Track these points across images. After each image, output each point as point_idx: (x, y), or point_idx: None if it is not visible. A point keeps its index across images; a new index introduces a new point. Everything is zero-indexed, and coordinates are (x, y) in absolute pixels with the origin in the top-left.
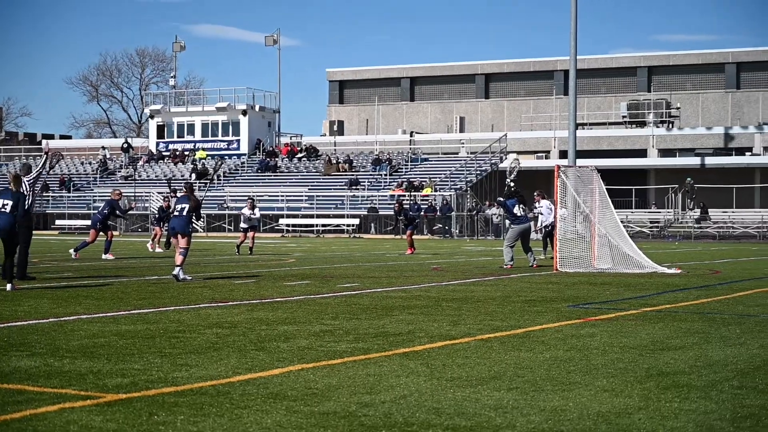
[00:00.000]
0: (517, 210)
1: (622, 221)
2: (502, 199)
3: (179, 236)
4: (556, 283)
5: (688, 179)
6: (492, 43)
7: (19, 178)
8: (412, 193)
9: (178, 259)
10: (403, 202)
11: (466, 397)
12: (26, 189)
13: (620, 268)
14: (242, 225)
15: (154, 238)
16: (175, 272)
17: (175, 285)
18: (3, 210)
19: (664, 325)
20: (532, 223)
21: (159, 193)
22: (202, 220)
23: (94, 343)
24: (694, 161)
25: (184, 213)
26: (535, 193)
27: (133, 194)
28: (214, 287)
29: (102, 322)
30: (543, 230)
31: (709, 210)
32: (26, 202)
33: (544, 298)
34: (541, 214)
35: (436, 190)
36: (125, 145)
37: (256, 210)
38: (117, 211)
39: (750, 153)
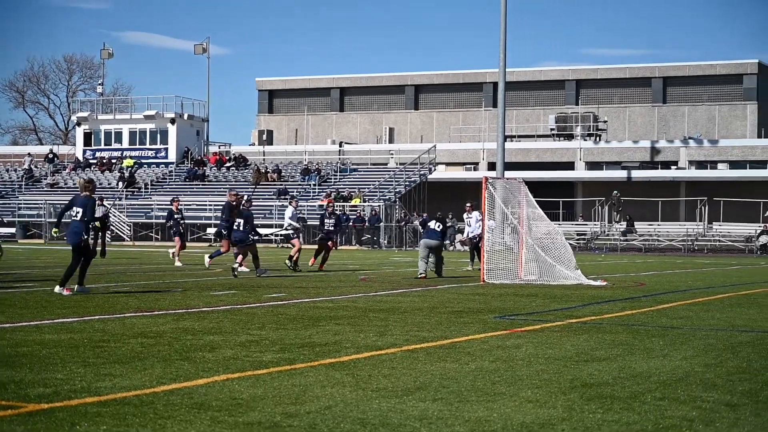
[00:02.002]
0: (432, 224)
1: (549, 233)
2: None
3: (239, 246)
4: (482, 295)
5: (615, 192)
6: (422, 54)
7: (93, 182)
8: (342, 204)
9: (239, 258)
10: (336, 209)
11: (392, 408)
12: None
13: (547, 279)
14: (288, 230)
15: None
16: (234, 266)
17: (100, 294)
18: (75, 217)
19: (588, 337)
20: (445, 241)
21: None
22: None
23: (16, 352)
24: (620, 174)
25: (242, 227)
26: (467, 205)
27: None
28: (139, 296)
29: (25, 330)
30: (471, 241)
31: (635, 223)
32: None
33: (470, 309)
34: (469, 225)
35: (364, 201)
36: (50, 155)
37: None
38: (233, 212)
39: (675, 167)
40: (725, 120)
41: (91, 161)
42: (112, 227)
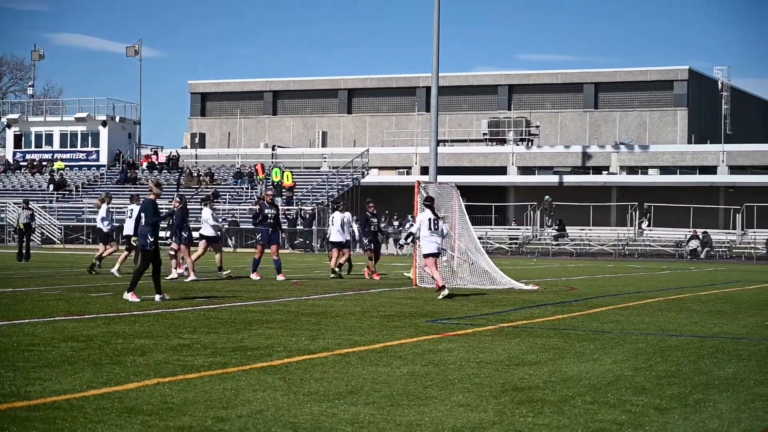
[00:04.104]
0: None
1: (481, 237)
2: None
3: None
4: (415, 299)
5: (547, 197)
6: (355, 58)
7: (160, 185)
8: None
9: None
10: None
11: (323, 412)
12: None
13: (479, 284)
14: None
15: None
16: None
17: (30, 297)
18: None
19: (520, 341)
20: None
21: (16, 203)
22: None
23: None
24: (552, 179)
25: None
26: (335, 205)
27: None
28: (70, 300)
29: None
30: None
31: (567, 227)
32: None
33: (402, 314)
34: (332, 224)
35: (295, 204)
36: None
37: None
38: (264, 213)
39: (607, 172)
40: (656, 126)
41: (21, 163)
42: (41, 230)
